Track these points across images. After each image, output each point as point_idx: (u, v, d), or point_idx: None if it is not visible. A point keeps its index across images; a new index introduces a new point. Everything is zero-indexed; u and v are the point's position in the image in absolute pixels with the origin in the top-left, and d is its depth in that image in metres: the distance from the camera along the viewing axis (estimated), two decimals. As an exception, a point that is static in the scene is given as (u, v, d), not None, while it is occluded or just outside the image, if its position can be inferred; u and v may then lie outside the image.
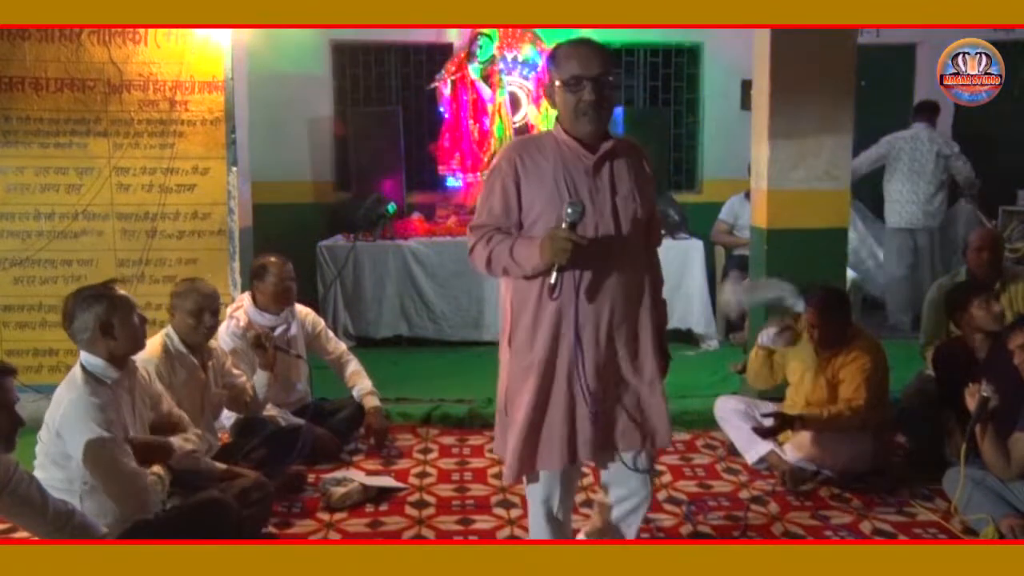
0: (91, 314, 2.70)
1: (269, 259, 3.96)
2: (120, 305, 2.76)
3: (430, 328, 5.84)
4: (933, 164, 6.01)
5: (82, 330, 2.72)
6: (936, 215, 6.09)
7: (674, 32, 6.53)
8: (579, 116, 2.35)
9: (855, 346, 3.66)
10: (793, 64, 4.34)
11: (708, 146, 7.02)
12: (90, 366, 2.73)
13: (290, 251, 4.15)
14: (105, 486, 2.64)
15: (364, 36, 6.55)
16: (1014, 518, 3.02)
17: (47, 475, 2.65)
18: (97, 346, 2.73)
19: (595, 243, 2.33)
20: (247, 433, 3.71)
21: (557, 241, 2.22)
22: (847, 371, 3.63)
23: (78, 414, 2.62)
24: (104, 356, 2.73)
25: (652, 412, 2.51)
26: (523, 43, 6.29)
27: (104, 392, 2.70)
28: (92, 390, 2.67)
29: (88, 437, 2.58)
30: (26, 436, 2.42)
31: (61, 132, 4.42)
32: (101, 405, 2.64)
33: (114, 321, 2.72)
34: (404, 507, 3.47)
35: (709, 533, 3.25)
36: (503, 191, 2.40)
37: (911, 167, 6.03)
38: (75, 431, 2.60)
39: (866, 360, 3.61)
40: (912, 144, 6.06)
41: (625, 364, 2.48)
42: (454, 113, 6.33)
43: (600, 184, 2.40)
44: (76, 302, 2.74)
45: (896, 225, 6.14)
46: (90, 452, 2.59)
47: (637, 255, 2.48)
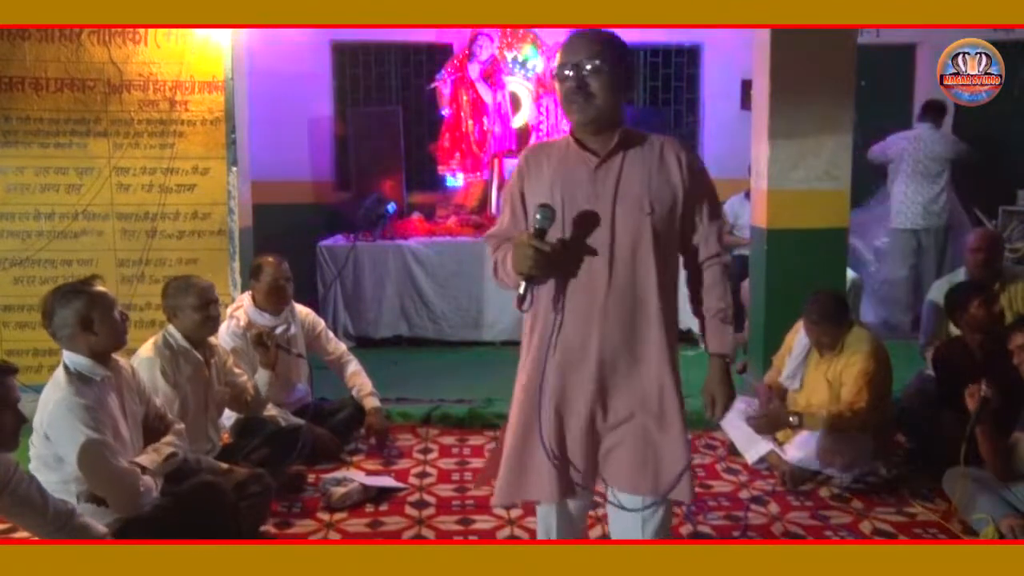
0: (70, 310, 2.67)
1: (265, 258, 3.97)
2: (99, 300, 2.72)
3: (430, 328, 5.84)
4: (937, 165, 6.02)
5: (62, 327, 2.68)
6: (940, 215, 6.09)
7: (674, 32, 6.53)
8: (567, 107, 2.18)
9: (857, 347, 3.67)
10: (793, 64, 4.35)
11: (708, 146, 7.03)
12: (74, 365, 2.70)
13: (290, 251, 4.16)
14: (97, 486, 2.62)
15: (364, 36, 6.56)
16: (1014, 518, 3.02)
17: (42, 478, 2.63)
18: (78, 342, 2.70)
19: (586, 254, 2.15)
20: (247, 433, 3.71)
21: (519, 248, 2.07)
22: (849, 373, 3.63)
23: (65, 415, 2.58)
24: (86, 353, 2.70)
25: (659, 452, 2.22)
26: (523, 43, 6.30)
27: (90, 391, 2.67)
28: (77, 390, 2.63)
29: (77, 439, 2.56)
30: (27, 436, 2.42)
31: (61, 132, 4.42)
32: (87, 405, 2.61)
33: (94, 316, 2.69)
34: (404, 507, 3.47)
35: (709, 533, 3.25)
36: (510, 199, 2.29)
37: (914, 168, 6.03)
38: (63, 433, 2.58)
39: (868, 363, 3.61)
40: (915, 144, 6.07)
41: (625, 394, 2.22)
42: (454, 113, 6.34)
43: (601, 189, 2.16)
44: (55, 299, 2.70)
45: (900, 226, 6.15)
46: (79, 453, 2.57)
47: (643, 269, 2.17)
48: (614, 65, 2.15)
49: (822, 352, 3.77)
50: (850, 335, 3.71)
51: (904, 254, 6.14)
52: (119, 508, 2.65)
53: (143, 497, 2.68)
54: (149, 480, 2.72)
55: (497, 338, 5.79)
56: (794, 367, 3.89)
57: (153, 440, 2.92)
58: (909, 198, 6.06)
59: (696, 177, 2.24)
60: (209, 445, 3.42)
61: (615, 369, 2.20)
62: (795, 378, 3.90)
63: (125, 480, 2.64)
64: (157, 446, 2.89)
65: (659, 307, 2.19)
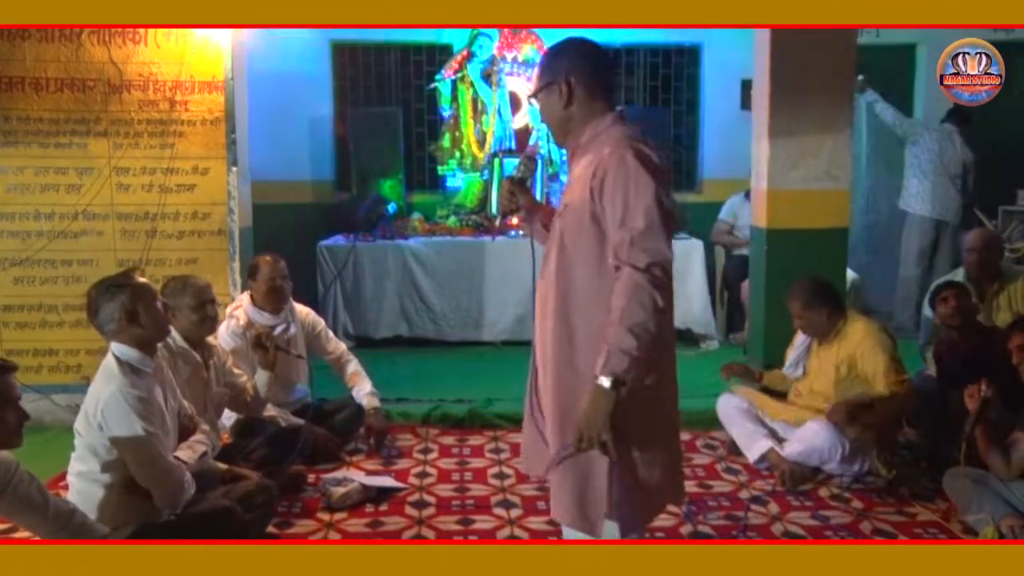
0: (115, 304, 2.70)
1: (262, 258, 3.97)
2: (143, 292, 2.77)
3: (430, 328, 5.84)
4: (958, 168, 6.04)
5: (108, 320, 2.72)
6: (957, 213, 6.11)
7: (674, 32, 6.53)
8: None
9: (857, 329, 3.70)
10: (793, 64, 4.35)
11: (708, 146, 7.03)
12: (124, 356, 2.73)
13: (290, 251, 4.16)
14: (145, 479, 2.67)
15: (364, 36, 6.55)
16: (1014, 518, 3.02)
17: (87, 467, 2.67)
18: (124, 335, 2.73)
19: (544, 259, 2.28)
20: (247, 433, 3.71)
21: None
22: (865, 358, 3.62)
23: (121, 405, 2.62)
24: (133, 344, 2.74)
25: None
26: (523, 43, 6.30)
27: (142, 383, 2.70)
28: (131, 381, 2.67)
29: (129, 431, 2.60)
30: (29, 435, 2.42)
31: (61, 132, 4.42)
32: (141, 397, 2.65)
33: (139, 308, 2.73)
34: (404, 507, 3.47)
35: (709, 533, 3.25)
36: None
37: (941, 159, 6.02)
38: (119, 423, 2.61)
39: (876, 338, 3.63)
40: (942, 137, 6.06)
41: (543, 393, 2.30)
42: (454, 113, 6.34)
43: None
44: (99, 294, 2.74)
45: (920, 212, 6.09)
46: (131, 446, 2.61)
47: (563, 273, 2.19)
48: (548, 85, 2.25)
49: (820, 341, 3.80)
50: (847, 322, 3.74)
51: (921, 246, 6.08)
52: (164, 502, 2.70)
53: (186, 493, 2.74)
54: (190, 477, 2.78)
55: (497, 338, 5.79)
56: (796, 356, 3.92)
57: (180, 439, 2.96)
58: (929, 188, 6.03)
59: (607, 185, 2.10)
60: (212, 445, 3.42)
61: (541, 367, 2.30)
62: (798, 366, 3.92)
63: (173, 475, 2.70)
64: (191, 443, 2.96)
65: (554, 305, 2.20)
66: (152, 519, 2.70)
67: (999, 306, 4.11)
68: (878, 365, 3.59)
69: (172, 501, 2.72)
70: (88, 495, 2.66)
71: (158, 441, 2.67)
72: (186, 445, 2.94)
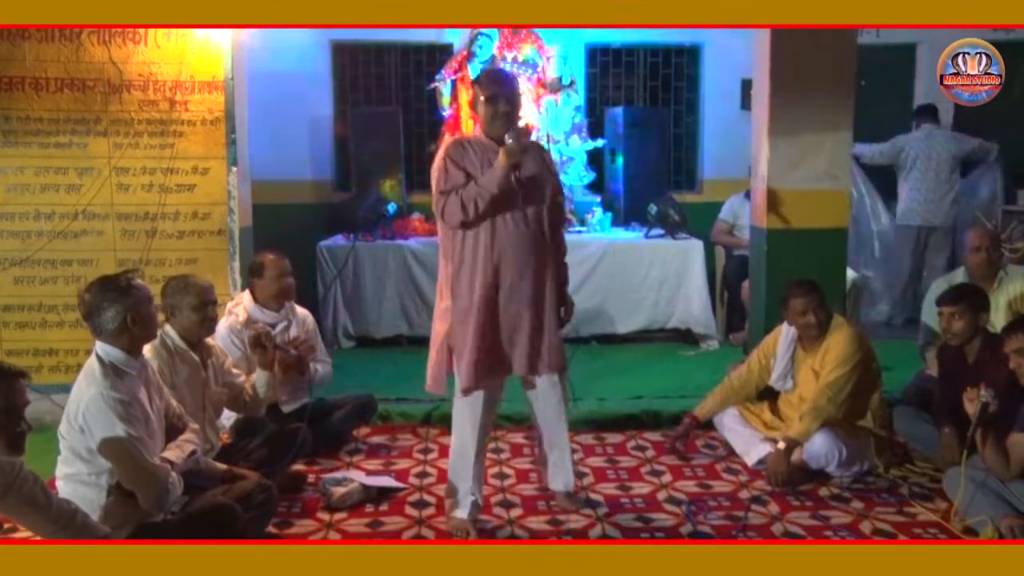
0: (120, 307, 2.71)
1: (266, 256, 3.95)
2: (145, 297, 2.79)
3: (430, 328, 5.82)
4: (948, 165, 6.07)
5: (109, 322, 2.72)
6: (949, 215, 6.13)
7: (674, 32, 6.53)
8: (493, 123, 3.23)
9: (835, 334, 3.73)
10: (793, 64, 4.35)
11: (708, 146, 7.03)
12: (108, 357, 2.72)
13: (290, 251, 4.14)
14: (128, 481, 2.65)
15: (364, 36, 6.55)
16: (1014, 518, 3.01)
17: (73, 469, 2.66)
18: (121, 338, 2.73)
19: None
20: (247, 433, 3.70)
21: (510, 147, 3.10)
22: (827, 367, 3.68)
23: (102, 409, 2.61)
24: (125, 347, 2.74)
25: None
26: (523, 43, 6.30)
27: (124, 385, 2.70)
28: (113, 384, 2.66)
29: (110, 434, 2.59)
30: (31, 437, 2.42)
31: (61, 132, 4.41)
32: (123, 399, 2.64)
33: (140, 314, 2.74)
34: (404, 507, 3.47)
35: (709, 533, 3.25)
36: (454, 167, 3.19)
37: (927, 165, 6.07)
38: (99, 426, 2.61)
39: (843, 346, 3.66)
40: (928, 143, 6.11)
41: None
42: (454, 113, 6.34)
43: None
44: (102, 295, 2.73)
45: (907, 223, 6.18)
46: (112, 448, 2.60)
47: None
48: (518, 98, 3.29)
49: (808, 346, 3.80)
50: (832, 327, 3.76)
51: (909, 252, 6.15)
52: (148, 504, 2.67)
53: (171, 495, 2.71)
54: (176, 478, 2.76)
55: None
56: (782, 368, 3.91)
57: (170, 437, 2.94)
58: (919, 197, 6.09)
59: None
60: (208, 446, 3.41)
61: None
62: (786, 378, 3.91)
63: (157, 477, 2.67)
64: (179, 443, 2.93)
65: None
66: (148, 519, 2.69)
67: (998, 306, 4.10)
68: (828, 376, 3.64)
69: (156, 503, 2.68)
70: (77, 498, 2.63)
71: (141, 443, 2.64)
72: (174, 445, 2.89)
